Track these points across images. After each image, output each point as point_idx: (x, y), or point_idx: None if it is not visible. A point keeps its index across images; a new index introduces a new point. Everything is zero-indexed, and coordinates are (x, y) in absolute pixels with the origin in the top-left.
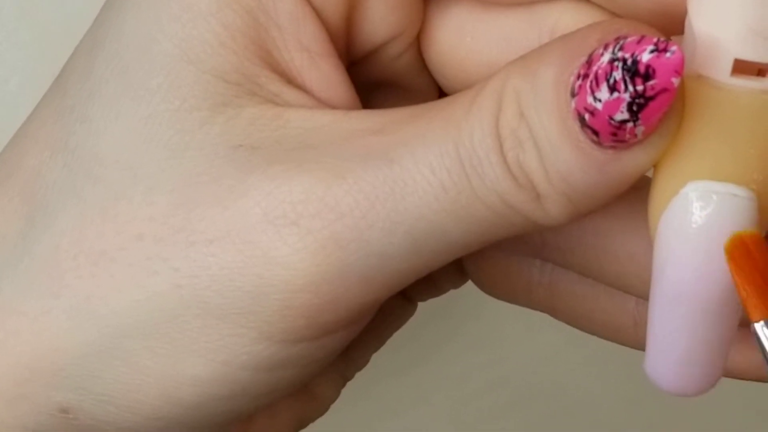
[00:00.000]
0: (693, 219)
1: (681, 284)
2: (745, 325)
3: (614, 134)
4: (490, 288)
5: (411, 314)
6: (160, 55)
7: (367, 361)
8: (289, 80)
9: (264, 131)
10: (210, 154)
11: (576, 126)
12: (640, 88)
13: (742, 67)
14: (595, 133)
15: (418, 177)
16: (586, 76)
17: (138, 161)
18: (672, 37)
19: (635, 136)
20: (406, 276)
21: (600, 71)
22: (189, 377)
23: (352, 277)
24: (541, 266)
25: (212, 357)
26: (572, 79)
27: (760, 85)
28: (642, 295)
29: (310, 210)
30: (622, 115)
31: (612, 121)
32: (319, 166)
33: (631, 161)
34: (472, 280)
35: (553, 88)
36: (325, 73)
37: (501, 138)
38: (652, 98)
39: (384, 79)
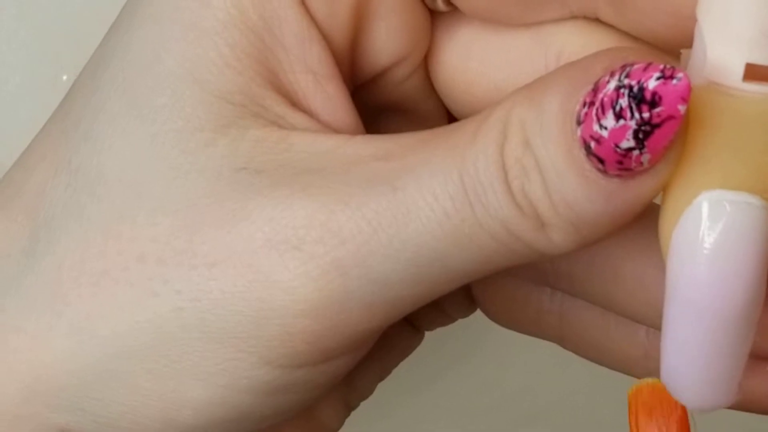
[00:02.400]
0: (706, 230)
1: (695, 297)
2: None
3: (620, 162)
4: (499, 316)
5: (418, 343)
6: (165, 74)
7: (373, 390)
8: (294, 103)
9: (268, 154)
10: (213, 176)
11: (582, 154)
12: (646, 115)
13: (754, 73)
14: (601, 161)
15: (421, 204)
16: (591, 103)
17: (141, 180)
18: (682, 51)
19: (641, 164)
20: (409, 303)
21: (606, 99)
22: (189, 400)
23: (354, 303)
24: (551, 294)
25: (213, 381)
26: (578, 107)
27: None
28: (652, 323)
29: (312, 235)
30: (628, 142)
31: (618, 149)
32: (322, 191)
33: (637, 190)
34: (481, 308)
35: (558, 116)
36: (330, 96)
37: (506, 167)
38: (658, 126)
39: (392, 101)
